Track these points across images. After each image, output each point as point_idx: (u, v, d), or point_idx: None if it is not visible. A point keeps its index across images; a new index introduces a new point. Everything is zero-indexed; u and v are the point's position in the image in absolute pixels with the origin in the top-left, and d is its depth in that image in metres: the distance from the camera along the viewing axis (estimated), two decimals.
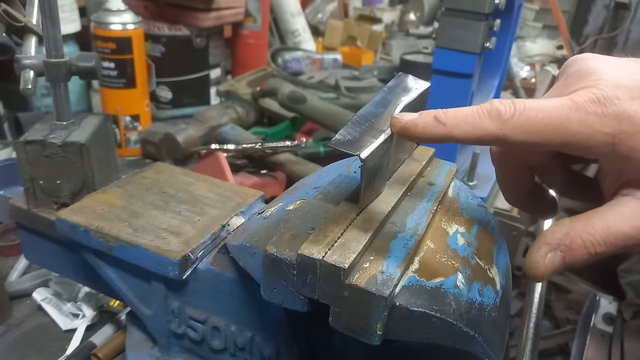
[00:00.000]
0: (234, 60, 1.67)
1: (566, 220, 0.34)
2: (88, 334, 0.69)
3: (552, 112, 0.32)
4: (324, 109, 1.23)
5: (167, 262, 0.47)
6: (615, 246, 0.32)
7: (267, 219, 0.44)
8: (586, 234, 0.32)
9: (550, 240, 0.34)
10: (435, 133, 0.34)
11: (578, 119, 0.31)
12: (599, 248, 0.32)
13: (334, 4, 2.31)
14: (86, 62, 0.59)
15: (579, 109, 0.31)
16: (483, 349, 0.35)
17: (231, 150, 1.07)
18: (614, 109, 0.31)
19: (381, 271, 0.35)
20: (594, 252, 0.32)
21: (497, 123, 0.32)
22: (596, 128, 0.31)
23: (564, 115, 0.32)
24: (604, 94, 0.32)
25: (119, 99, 1.17)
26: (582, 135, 0.31)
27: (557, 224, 0.34)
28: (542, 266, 0.34)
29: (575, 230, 0.33)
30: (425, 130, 0.35)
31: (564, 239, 0.33)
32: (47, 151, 0.57)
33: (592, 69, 0.34)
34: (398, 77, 0.44)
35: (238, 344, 0.49)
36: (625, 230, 0.32)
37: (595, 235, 0.32)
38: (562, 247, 0.33)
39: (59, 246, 0.58)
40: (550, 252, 0.33)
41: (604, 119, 0.31)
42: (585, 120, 0.31)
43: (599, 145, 0.32)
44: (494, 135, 0.33)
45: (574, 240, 0.33)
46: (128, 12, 1.14)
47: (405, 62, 1.68)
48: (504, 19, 1.01)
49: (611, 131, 0.31)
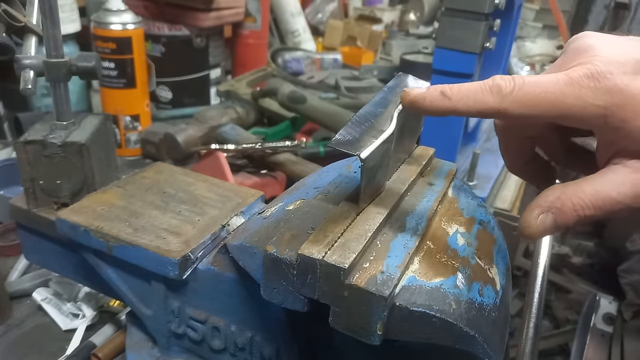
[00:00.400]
0: (234, 60, 1.67)
1: (558, 186, 0.36)
2: (88, 334, 0.69)
3: (548, 86, 0.34)
4: (324, 109, 1.23)
5: (167, 262, 0.47)
6: (603, 210, 0.34)
7: (267, 219, 0.44)
8: (576, 198, 0.35)
9: (542, 203, 0.36)
10: (441, 106, 0.36)
11: (572, 93, 0.34)
12: (587, 211, 0.34)
13: (334, 4, 2.31)
14: (86, 62, 0.59)
15: (574, 84, 0.34)
16: (483, 349, 0.35)
17: (231, 150, 1.07)
18: (606, 83, 0.33)
19: (381, 271, 0.35)
20: (583, 214, 0.35)
21: (498, 97, 0.35)
22: (589, 101, 0.33)
23: (559, 89, 0.34)
24: (597, 69, 0.34)
25: (119, 99, 1.17)
26: (576, 108, 0.34)
27: (549, 188, 0.36)
28: (533, 226, 0.36)
29: (566, 194, 0.35)
30: (432, 103, 0.37)
31: (556, 202, 0.35)
32: (47, 151, 0.56)
33: (589, 46, 0.36)
34: (398, 77, 0.44)
35: (238, 344, 0.49)
36: (613, 196, 0.34)
37: (585, 199, 0.34)
38: (553, 210, 0.35)
39: (59, 246, 0.58)
40: (542, 213, 0.36)
41: (596, 92, 0.33)
42: (579, 94, 0.33)
43: (592, 117, 0.34)
44: (494, 109, 0.35)
45: (564, 203, 0.35)
46: (128, 12, 1.14)
47: (405, 62, 1.68)
48: (504, 19, 1.01)
49: (603, 104, 0.33)
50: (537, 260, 0.38)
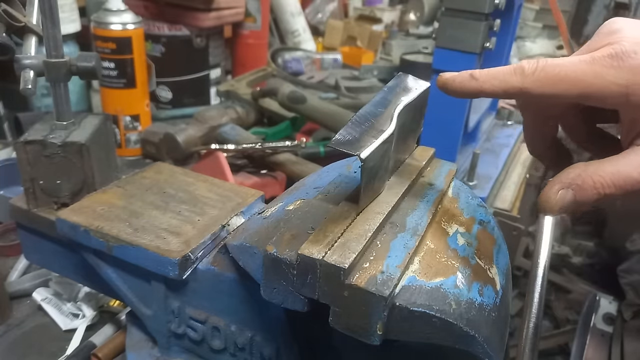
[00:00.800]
0: (234, 60, 1.67)
1: (580, 164, 0.37)
2: (88, 334, 0.69)
3: (569, 66, 0.36)
4: (324, 109, 1.23)
5: (167, 262, 0.47)
6: (623, 189, 0.35)
7: (267, 219, 0.44)
8: (597, 176, 0.35)
9: (563, 179, 0.37)
10: (469, 87, 0.39)
11: (593, 72, 0.35)
12: (608, 189, 0.35)
13: (334, 4, 2.31)
14: (86, 62, 0.59)
15: (595, 63, 0.35)
16: (483, 349, 0.35)
17: (231, 150, 1.07)
18: (630, 62, 0.34)
19: (381, 271, 0.35)
20: (603, 192, 0.35)
21: (520, 77, 0.37)
22: (610, 79, 0.35)
23: (580, 69, 0.35)
24: (622, 49, 0.35)
25: (119, 99, 1.17)
26: (597, 87, 0.35)
27: (571, 166, 0.37)
28: (552, 201, 0.37)
29: (587, 171, 0.36)
30: (462, 84, 0.39)
31: (577, 179, 0.36)
32: (47, 151, 0.56)
33: (617, 29, 0.37)
34: (398, 77, 0.44)
35: (238, 344, 0.49)
36: (634, 176, 0.35)
37: (606, 177, 0.35)
38: (573, 186, 0.36)
39: (59, 246, 0.58)
40: (562, 189, 0.36)
41: (619, 71, 0.34)
42: (600, 72, 0.35)
43: (614, 96, 0.35)
44: (517, 89, 0.37)
45: (585, 180, 0.36)
46: (128, 12, 1.14)
47: (405, 62, 1.68)
48: (504, 19, 1.01)
49: (625, 82, 0.34)
50: (537, 260, 0.38)
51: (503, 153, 1.17)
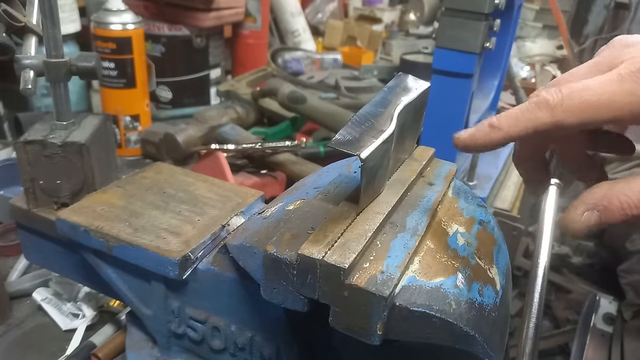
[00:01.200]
0: (234, 60, 1.67)
1: (605, 184, 0.36)
2: (88, 334, 0.69)
3: (597, 88, 0.33)
4: (324, 109, 1.23)
5: (167, 262, 0.47)
6: None
7: (267, 219, 0.44)
8: (624, 196, 0.34)
9: (588, 200, 0.35)
10: (495, 139, 0.36)
11: (625, 90, 0.33)
12: (635, 210, 0.34)
13: (334, 4, 2.31)
14: (86, 62, 0.59)
15: (625, 80, 0.33)
16: (483, 349, 0.35)
17: (231, 150, 1.07)
18: None
19: (381, 271, 0.35)
20: (631, 213, 0.34)
21: (549, 112, 0.34)
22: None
23: (610, 89, 0.33)
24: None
25: (119, 99, 1.17)
26: (632, 105, 0.33)
27: (596, 186, 0.36)
28: (577, 223, 0.35)
29: (613, 192, 0.35)
30: (486, 139, 0.37)
31: (602, 199, 0.35)
32: (47, 151, 0.56)
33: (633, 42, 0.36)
34: (398, 77, 0.44)
35: (238, 344, 0.49)
36: None
37: (633, 197, 0.34)
38: (599, 207, 0.35)
39: (59, 246, 0.58)
40: (587, 211, 0.35)
41: None
42: (632, 89, 0.33)
43: None
44: (549, 124, 0.34)
45: (611, 201, 0.34)
46: (128, 12, 1.14)
47: (405, 62, 1.68)
48: (504, 19, 1.01)
49: None
50: (537, 260, 0.38)
51: (503, 153, 1.18)
